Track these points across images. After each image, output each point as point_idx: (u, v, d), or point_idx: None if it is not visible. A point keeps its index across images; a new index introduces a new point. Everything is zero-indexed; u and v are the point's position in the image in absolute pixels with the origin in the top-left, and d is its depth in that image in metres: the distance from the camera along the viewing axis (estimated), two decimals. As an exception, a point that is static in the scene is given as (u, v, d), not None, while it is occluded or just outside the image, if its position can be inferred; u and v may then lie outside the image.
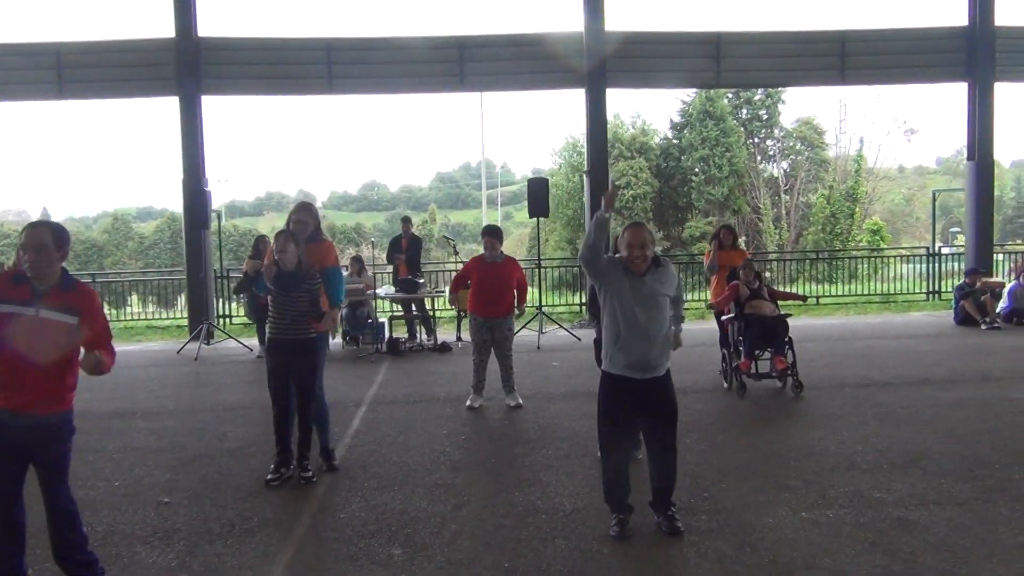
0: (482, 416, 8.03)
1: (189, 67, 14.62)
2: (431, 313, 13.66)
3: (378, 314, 13.52)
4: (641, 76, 15.71)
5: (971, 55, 15.50)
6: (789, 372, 8.52)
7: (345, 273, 13.40)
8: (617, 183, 36.28)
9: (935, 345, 11.81)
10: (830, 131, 42.69)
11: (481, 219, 43.87)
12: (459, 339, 13.27)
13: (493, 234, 8.37)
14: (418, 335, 13.15)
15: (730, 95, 39.30)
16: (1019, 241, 40.05)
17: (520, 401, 8.36)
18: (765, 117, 40.89)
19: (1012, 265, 15.72)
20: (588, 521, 5.03)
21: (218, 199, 12.32)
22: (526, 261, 18.75)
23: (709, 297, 10.66)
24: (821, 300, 17.59)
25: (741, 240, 36.79)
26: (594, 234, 4.67)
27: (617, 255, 4.89)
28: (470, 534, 4.91)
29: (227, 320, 15.80)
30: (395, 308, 14.03)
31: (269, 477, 5.95)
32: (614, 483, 4.87)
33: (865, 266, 23.07)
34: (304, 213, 6.55)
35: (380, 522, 5.14)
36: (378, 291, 13.07)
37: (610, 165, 37.92)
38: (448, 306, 14.39)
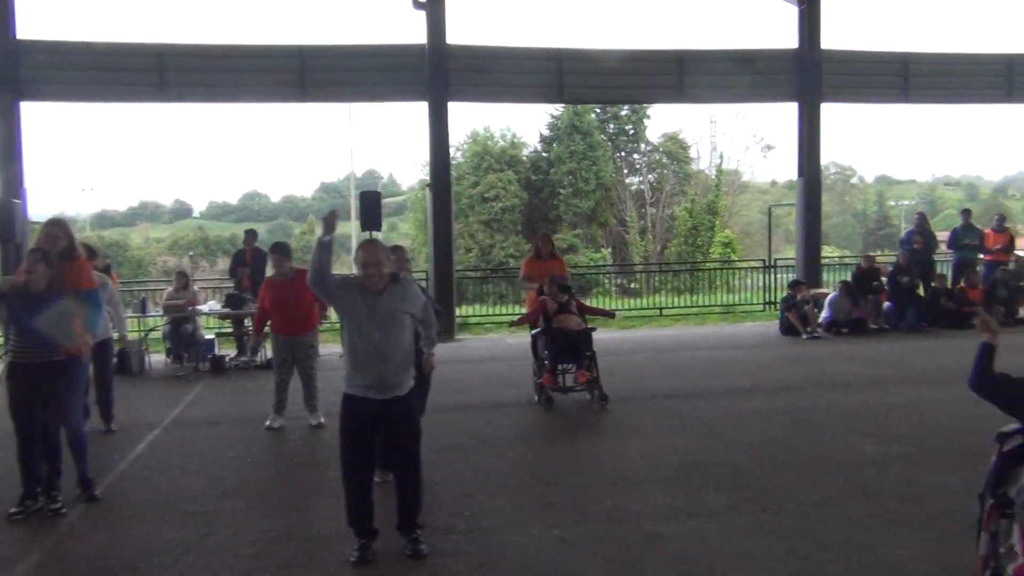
0: (279, 437, 7.80)
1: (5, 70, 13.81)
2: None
3: (205, 331, 13.02)
4: (484, 90, 15.74)
5: (800, 77, 16.17)
6: (594, 385, 8.63)
7: (170, 288, 12.96)
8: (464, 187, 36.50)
9: (754, 355, 12.20)
10: (695, 146, 44.04)
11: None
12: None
13: (279, 251, 8.16)
14: (247, 352, 12.72)
15: (597, 110, 40.07)
16: (835, 249, 42.17)
17: (322, 420, 8.14)
18: (631, 132, 41.87)
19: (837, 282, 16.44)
20: (336, 547, 4.87)
21: (87, 208, 11.57)
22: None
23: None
24: (664, 311, 18.01)
25: (606, 252, 37.60)
26: (317, 257, 4.60)
27: (353, 275, 4.82)
28: (205, 565, 4.69)
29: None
30: (224, 324, 13.54)
31: (12, 510, 5.55)
32: (356, 506, 4.75)
33: (716, 278, 23.79)
34: (55, 228, 6.23)
35: (114, 555, 4.88)
36: (201, 307, 12.59)
37: (479, 177, 38.34)
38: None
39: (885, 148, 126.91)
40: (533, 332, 9.12)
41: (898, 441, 6.94)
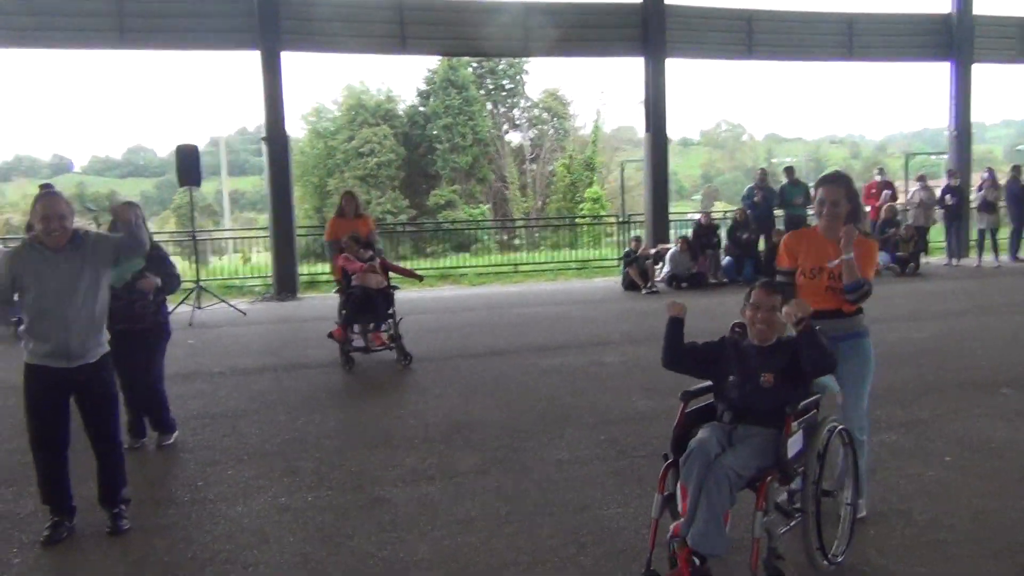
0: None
1: None
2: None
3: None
4: (320, 40, 15.14)
5: (645, 31, 16.12)
6: (390, 346, 8.43)
7: None
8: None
9: (587, 311, 12.21)
10: (575, 103, 44.01)
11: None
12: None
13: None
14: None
15: (474, 64, 39.49)
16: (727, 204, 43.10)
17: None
18: (509, 87, 41.52)
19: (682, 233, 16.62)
20: (37, 525, 4.50)
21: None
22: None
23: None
24: (520, 267, 17.94)
25: (485, 208, 37.37)
26: None
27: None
28: None
29: None
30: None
31: None
32: (46, 483, 4.41)
33: (584, 234, 23.87)
34: None
35: None
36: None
37: (354, 131, 37.41)
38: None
39: (774, 107, 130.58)
40: (335, 291, 8.84)
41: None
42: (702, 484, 3.38)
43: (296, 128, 40.63)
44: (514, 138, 42.74)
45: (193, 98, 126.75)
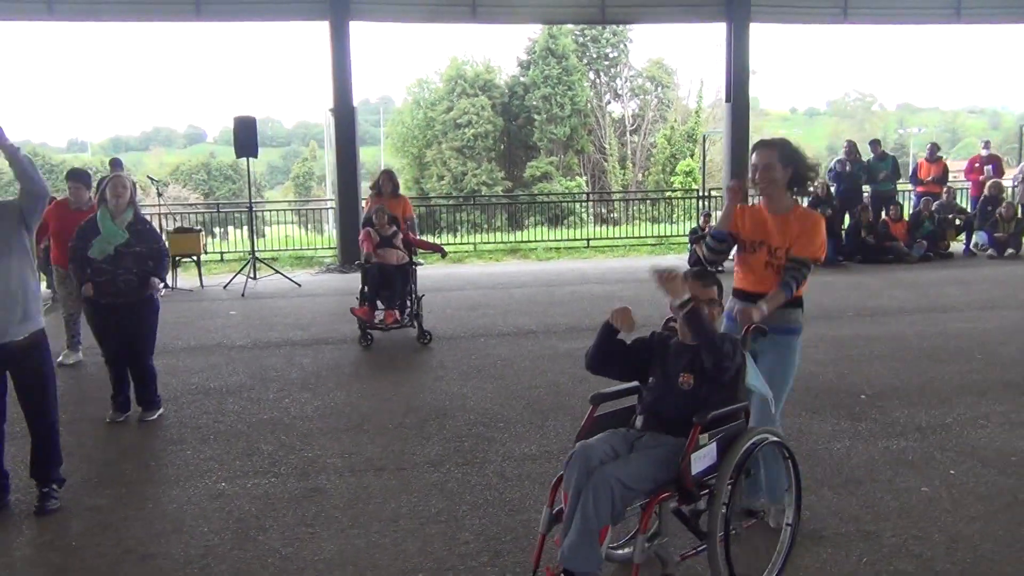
0: (70, 373, 7.40)
1: None
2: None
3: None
4: (388, 10, 14.99)
5: (729, -4, 15.30)
6: (404, 324, 8.24)
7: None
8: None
9: (639, 290, 11.61)
10: (678, 72, 42.75)
11: (379, 158, 42.29)
12: (166, 285, 12.58)
13: (77, 179, 7.67)
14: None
15: (576, 32, 38.82)
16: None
17: (80, 358, 7.84)
18: (612, 55, 40.65)
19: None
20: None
21: (101, 133, 11.15)
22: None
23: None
24: (592, 243, 17.49)
25: (582, 180, 36.83)
26: None
27: None
28: None
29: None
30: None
31: None
32: (-24, 459, 4.39)
33: (677, 208, 23.12)
34: None
35: None
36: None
37: (453, 102, 37.43)
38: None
39: (910, 75, 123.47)
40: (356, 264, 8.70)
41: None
42: (580, 493, 3.02)
43: (401, 98, 41.11)
44: (615, 109, 41.92)
45: (312, 70, 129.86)
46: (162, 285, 6.16)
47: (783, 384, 3.82)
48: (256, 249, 12.90)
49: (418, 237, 9.13)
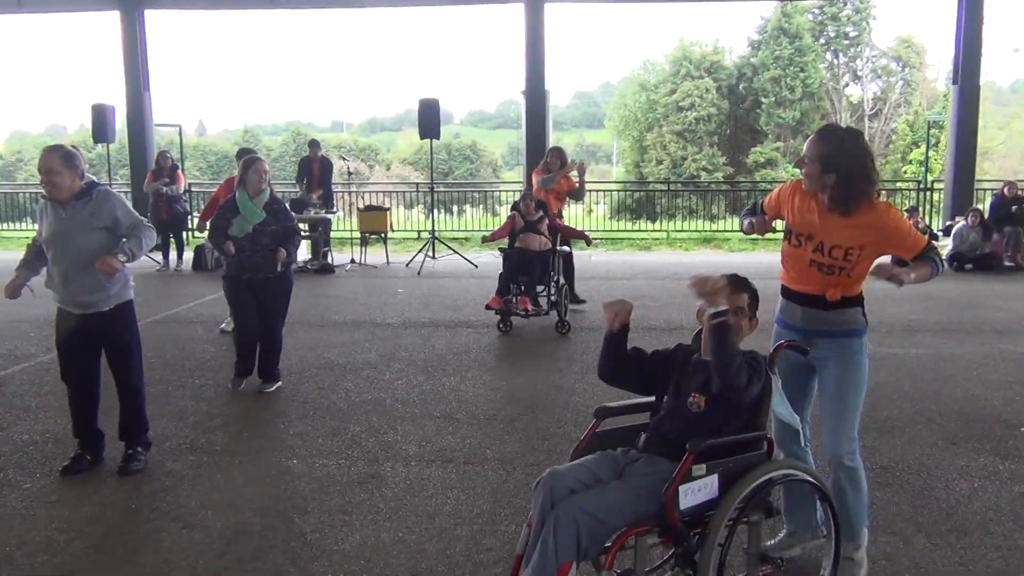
0: (226, 340, 7.91)
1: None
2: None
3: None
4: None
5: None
6: (540, 311, 8.07)
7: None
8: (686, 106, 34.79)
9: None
10: (928, 52, 39.11)
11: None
12: (353, 260, 13.20)
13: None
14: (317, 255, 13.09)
15: (815, 10, 36.55)
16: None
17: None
18: (853, 34, 37.90)
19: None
20: (59, 454, 4.86)
21: (361, 115, 12.46)
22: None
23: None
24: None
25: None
26: None
27: None
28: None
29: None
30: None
31: None
32: (73, 415, 4.71)
33: (906, 200, 21.30)
34: None
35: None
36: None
37: (676, 84, 36.52)
38: (354, 229, 14.34)
39: None
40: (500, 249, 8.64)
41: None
42: (543, 522, 2.75)
43: (623, 81, 40.73)
44: (853, 92, 39.13)
45: (558, 53, 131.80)
46: (289, 260, 6.34)
47: (854, 398, 3.25)
48: (436, 229, 13.20)
49: (563, 224, 8.88)
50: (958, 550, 3.70)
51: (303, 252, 13.12)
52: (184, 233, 13.33)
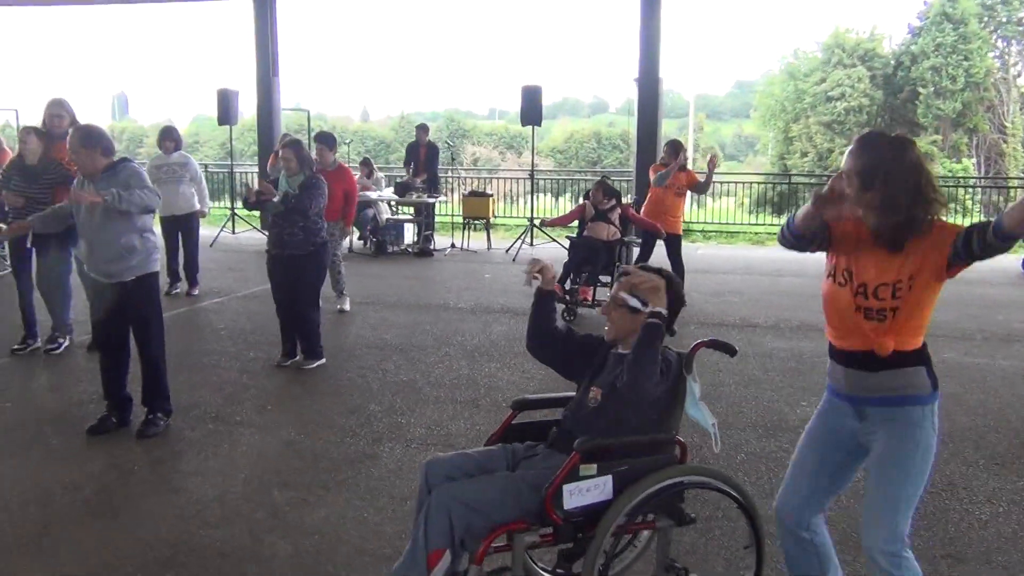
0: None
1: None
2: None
3: (392, 217, 13.75)
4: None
5: None
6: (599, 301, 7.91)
7: (356, 175, 13.91)
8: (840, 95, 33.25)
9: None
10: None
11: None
12: (453, 245, 13.36)
13: (323, 141, 8.35)
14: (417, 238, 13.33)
15: (984, -6, 33.95)
16: None
17: (347, 306, 8.49)
18: (1029, 20, 34.97)
19: None
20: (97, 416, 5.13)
21: (517, 103, 13.07)
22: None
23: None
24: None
25: (968, 163, 32.44)
26: None
27: None
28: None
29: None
30: (407, 211, 14.10)
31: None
32: (103, 378, 5.00)
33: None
34: (57, 108, 6.82)
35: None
36: (371, 194, 13.25)
37: (827, 73, 34.83)
38: (455, 212, 14.51)
39: None
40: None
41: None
42: (420, 509, 2.71)
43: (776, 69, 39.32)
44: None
45: (716, 42, 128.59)
46: (318, 240, 6.41)
47: (904, 485, 2.57)
48: (536, 216, 13.16)
49: (637, 215, 8.64)
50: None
51: (408, 235, 13.43)
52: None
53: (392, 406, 5.49)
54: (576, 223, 8.52)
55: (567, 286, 8.03)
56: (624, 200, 8.53)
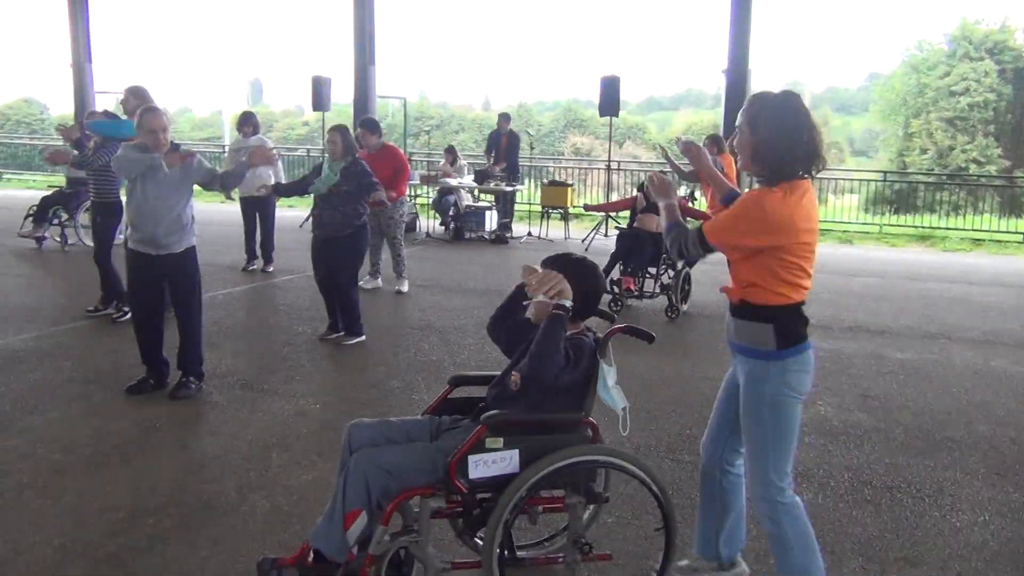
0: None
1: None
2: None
3: (473, 204, 14.03)
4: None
5: None
6: (647, 293, 7.95)
7: (441, 163, 14.28)
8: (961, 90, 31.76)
9: (992, 296, 9.66)
10: None
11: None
12: (529, 233, 13.53)
13: (365, 126, 8.64)
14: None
15: None
16: None
17: (405, 288, 8.80)
18: None
19: None
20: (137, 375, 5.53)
21: (639, 94, 13.60)
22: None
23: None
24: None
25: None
26: None
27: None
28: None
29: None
30: (486, 198, 14.32)
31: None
32: (140, 343, 5.41)
33: None
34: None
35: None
36: (452, 181, 13.55)
37: (952, 66, 33.18)
38: (534, 201, 14.66)
39: None
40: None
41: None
42: (341, 470, 2.91)
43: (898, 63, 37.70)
44: None
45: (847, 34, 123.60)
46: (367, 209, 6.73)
47: (758, 436, 2.80)
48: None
49: (692, 208, 8.59)
50: (888, 580, 3.37)
51: (489, 222, 13.67)
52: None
53: (411, 384, 5.73)
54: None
55: (613, 277, 8.08)
56: (679, 192, 8.49)
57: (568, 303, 2.85)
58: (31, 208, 11.03)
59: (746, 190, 2.98)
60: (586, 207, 9.48)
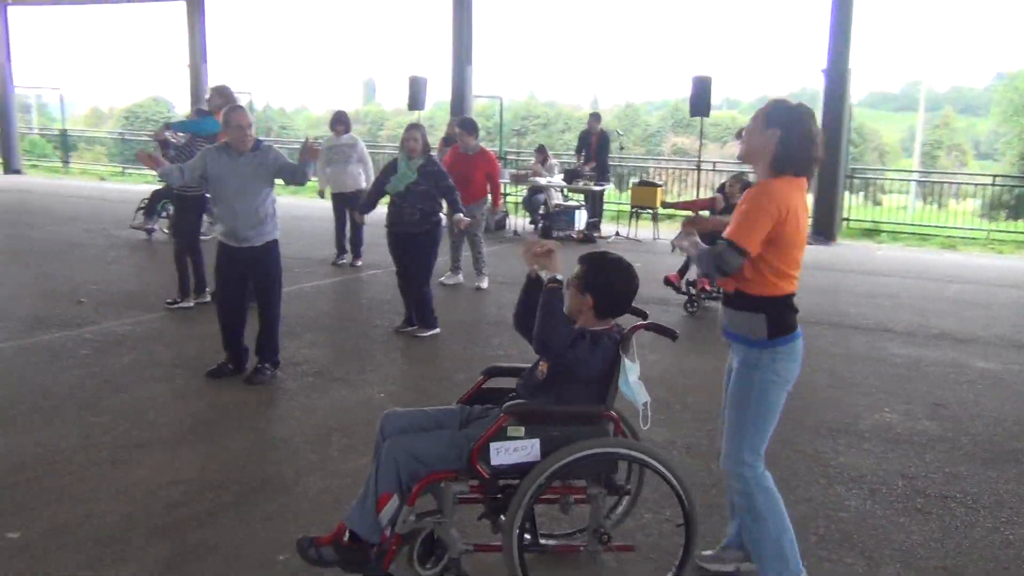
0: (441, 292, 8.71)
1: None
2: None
3: (563, 203, 14.07)
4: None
5: None
6: (716, 294, 7.84)
7: (531, 161, 14.39)
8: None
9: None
10: None
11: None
12: (617, 233, 13.52)
13: (465, 127, 8.83)
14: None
15: None
16: None
17: (484, 285, 8.98)
18: None
19: None
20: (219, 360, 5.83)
21: (751, 93, 13.91)
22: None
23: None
24: None
25: None
26: None
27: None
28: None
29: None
30: (576, 197, 14.30)
31: None
32: (222, 330, 5.72)
33: None
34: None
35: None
36: (541, 180, 13.61)
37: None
38: (625, 200, 14.59)
39: None
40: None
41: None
42: (375, 457, 3.07)
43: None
44: None
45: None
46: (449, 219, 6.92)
47: (742, 416, 3.02)
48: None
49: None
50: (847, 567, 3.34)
51: (578, 221, 13.70)
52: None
53: (464, 380, 5.84)
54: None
55: (689, 278, 8.05)
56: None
57: (560, 276, 2.92)
58: (142, 201, 11.70)
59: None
60: (664, 204, 9.44)
